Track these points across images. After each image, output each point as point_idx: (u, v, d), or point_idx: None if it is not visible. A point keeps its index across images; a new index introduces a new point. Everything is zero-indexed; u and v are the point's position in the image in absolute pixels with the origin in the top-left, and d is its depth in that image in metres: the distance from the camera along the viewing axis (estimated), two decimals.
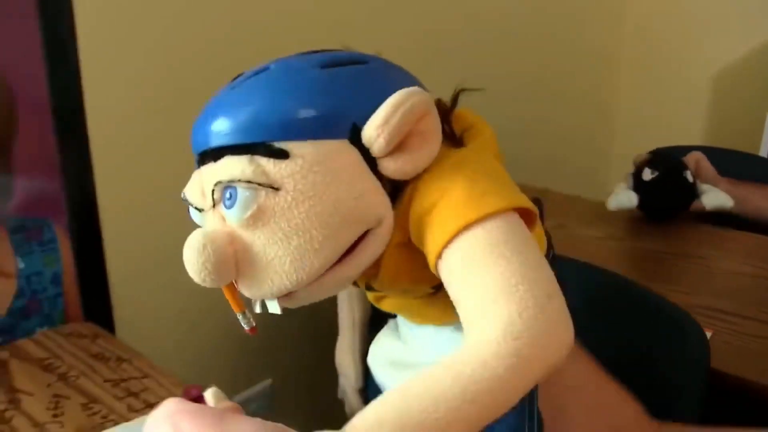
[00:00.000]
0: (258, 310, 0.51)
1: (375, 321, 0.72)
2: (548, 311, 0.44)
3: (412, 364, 0.60)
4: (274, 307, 0.50)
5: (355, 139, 0.48)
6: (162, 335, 1.09)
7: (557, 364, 0.44)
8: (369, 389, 0.74)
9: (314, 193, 0.46)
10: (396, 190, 0.50)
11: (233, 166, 0.47)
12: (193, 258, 0.46)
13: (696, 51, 1.86)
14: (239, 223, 0.47)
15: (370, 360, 0.65)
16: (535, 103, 1.69)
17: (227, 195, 0.47)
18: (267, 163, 0.46)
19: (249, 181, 0.46)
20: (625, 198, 1.22)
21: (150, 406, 0.77)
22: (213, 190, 0.48)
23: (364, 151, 0.48)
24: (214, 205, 0.49)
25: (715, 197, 1.21)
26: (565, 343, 0.44)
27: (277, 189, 0.46)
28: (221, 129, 0.48)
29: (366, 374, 0.75)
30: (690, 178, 1.23)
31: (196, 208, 0.50)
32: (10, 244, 0.94)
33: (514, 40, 1.60)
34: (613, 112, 2.00)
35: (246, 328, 0.52)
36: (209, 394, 0.50)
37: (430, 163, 0.49)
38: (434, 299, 0.55)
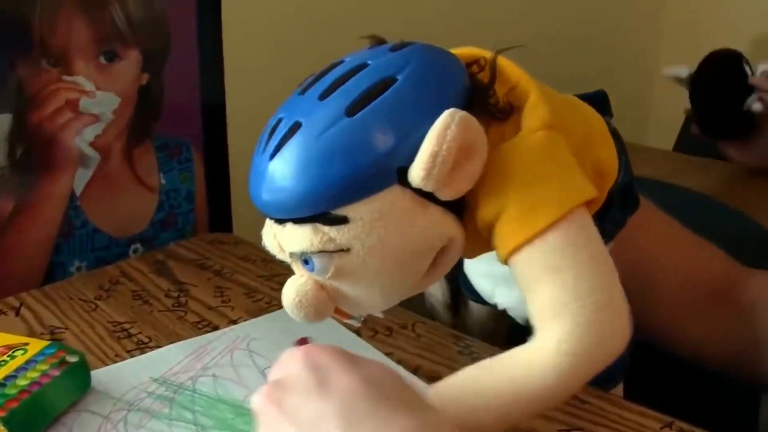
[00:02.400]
0: (359, 320, 0.57)
1: None
2: (599, 323, 0.47)
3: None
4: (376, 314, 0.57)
5: (405, 180, 0.48)
6: None
7: (609, 363, 0.48)
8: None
9: (383, 244, 0.49)
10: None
11: (301, 238, 0.49)
12: (293, 312, 0.52)
13: None
14: (323, 281, 0.51)
15: (467, 269, 0.69)
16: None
17: (304, 261, 0.51)
18: (330, 231, 0.48)
19: (320, 251, 0.49)
20: (679, 69, 1.32)
21: None
22: (290, 254, 0.52)
23: (417, 189, 0.48)
24: None
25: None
26: (616, 349, 0.48)
27: (347, 250, 0.49)
28: (276, 205, 0.50)
29: (453, 292, 0.79)
30: (748, 72, 1.26)
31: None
32: (156, 160, 1.03)
33: None
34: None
35: (356, 325, 0.58)
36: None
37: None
38: None
